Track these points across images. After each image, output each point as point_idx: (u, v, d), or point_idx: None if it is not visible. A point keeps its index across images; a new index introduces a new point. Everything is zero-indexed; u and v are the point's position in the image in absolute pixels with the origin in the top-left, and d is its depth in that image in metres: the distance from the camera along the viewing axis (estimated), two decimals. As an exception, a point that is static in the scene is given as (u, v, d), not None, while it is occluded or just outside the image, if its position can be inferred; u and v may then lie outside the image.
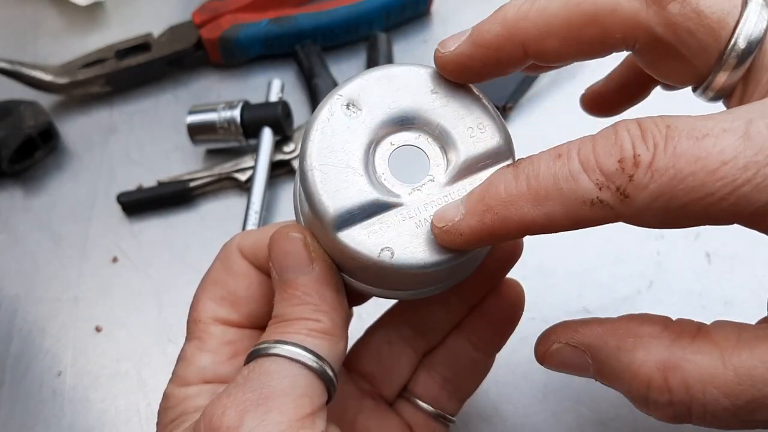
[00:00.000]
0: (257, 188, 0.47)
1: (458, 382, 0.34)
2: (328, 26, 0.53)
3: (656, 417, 0.25)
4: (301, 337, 0.25)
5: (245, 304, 0.30)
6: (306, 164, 0.26)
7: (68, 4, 0.59)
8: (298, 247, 0.27)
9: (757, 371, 0.22)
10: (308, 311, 0.26)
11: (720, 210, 0.21)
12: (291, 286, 0.26)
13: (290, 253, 0.27)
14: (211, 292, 0.30)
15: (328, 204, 0.25)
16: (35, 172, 0.52)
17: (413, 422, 0.33)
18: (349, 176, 0.26)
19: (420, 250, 0.26)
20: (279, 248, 0.27)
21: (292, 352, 0.25)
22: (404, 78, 0.27)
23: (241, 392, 0.24)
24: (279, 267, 0.27)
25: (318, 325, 0.26)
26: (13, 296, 0.46)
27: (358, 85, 0.27)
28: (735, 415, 0.22)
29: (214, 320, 0.29)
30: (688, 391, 0.23)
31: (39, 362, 0.44)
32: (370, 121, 0.26)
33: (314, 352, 0.25)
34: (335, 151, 0.26)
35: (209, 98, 0.54)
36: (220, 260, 0.31)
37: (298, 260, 0.26)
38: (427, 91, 0.27)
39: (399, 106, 0.27)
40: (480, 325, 0.33)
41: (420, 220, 0.26)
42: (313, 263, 0.26)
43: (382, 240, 0.25)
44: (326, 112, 0.26)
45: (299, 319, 0.26)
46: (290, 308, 0.26)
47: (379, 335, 0.34)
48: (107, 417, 0.41)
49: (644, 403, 0.24)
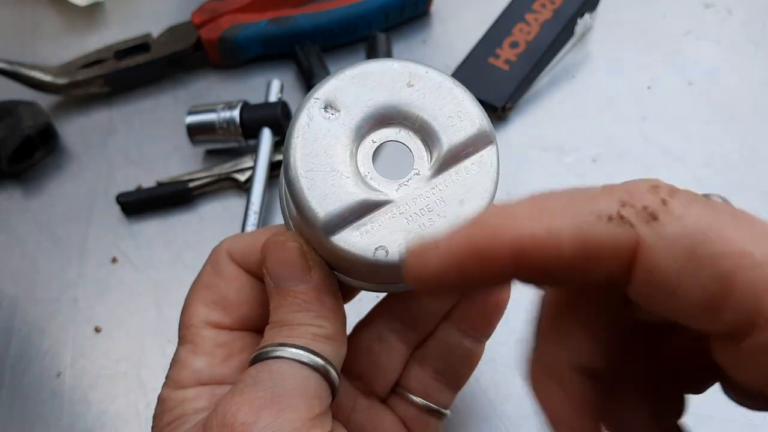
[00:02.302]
0: (257, 188, 0.47)
1: (450, 373, 0.34)
2: (327, 26, 0.53)
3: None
4: (307, 341, 0.26)
5: (236, 308, 0.30)
6: (291, 173, 0.26)
7: (67, 4, 0.59)
8: (294, 256, 0.27)
9: None
10: (310, 318, 0.26)
11: (748, 280, 0.17)
12: (290, 294, 0.27)
13: (287, 263, 0.27)
14: (202, 296, 0.30)
15: (318, 210, 0.25)
16: (34, 172, 0.52)
17: (407, 417, 0.34)
18: (336, 180, 0.26)
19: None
20: (275, 258, 0.27)
21: (301, 355, 0.25)
22: (379, 74, 0.27)
23: (253, 391, 0.24)
24: (276, 276, 0.27)
25: (321, 330, 0.26)
26: (12, 297, 0.46)
27: (334, 86, 0.27)
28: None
29: (206, 324, 0.29)
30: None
31: (38, 363, 0.44)
32: (349, 121, 0.26)
33: (321, 355, 0.26)
34: (318, 155, 0.26)
35: (208, 98, 0.54)
36: (210, 264, 0.31)
37: (296, 269, 0.27)
38: (403, 84, 0.27)
39: (376, 103, 0.27)
40: (468, 313, 0.34)
41: (410, 215, 0.26)
42: (311, 271, 0.27)
43: (375, 239, 0.26)
44: (305, 117, 0.26)
45: (302, 324, 0.26)
46: (291, 315, 0.27)
47: (369, 332, 0.34)
48: (106, 417, 0.41)
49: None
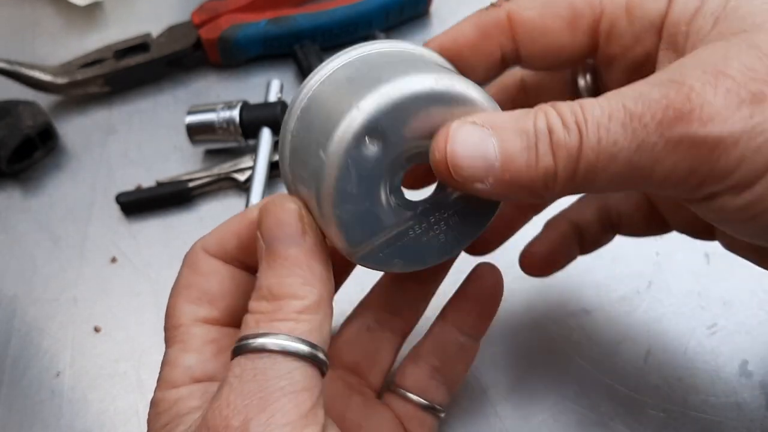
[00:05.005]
0: (256, 188, 0.47)
1: (446, 370, 0.34)
2: (327, 26, 0.53)
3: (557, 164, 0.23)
4: (291, 324, 0.25)
5: (221, 299, 0.29)
6: (327, 200, 0.25)
7: (67, 4, 0.59)
8: (292, 218, 0.26)
9: (628, 91, 0.22)
10: (297, 284, 0.25)
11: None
12: (280, 256, 0.26)
13: (284, 223, 0.26)
14: (185, 296, 0.29)
15: (347, 239, 0.26)
16: (34, 172, 0.52)
17: (403, 415, 0.34)
18: (369, 207, 0.26)
19: (429, 253, 0.27)
20: (272, 217, 0.26)
21: (284, 346, 0.24)
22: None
23: (239, 399, 0.23)
24: (269, 236, 0.26)
25: (305, 303, 0.25)
26: (11, 296, 0.46)
27: (380, 109, 0.24)
28: (611, 119, 0.22)
29: (195, 321, 0.29)
30: (573, 111, 0.23)
31: (37, 362, 0.44)
32: (387, 150, 0.25)
33: (306, 340, 0.25)
34: (355, 183, 0.25)
35: (208, 98, 0.54)
36: (186, 266, 0.30)
37: (291, 231, 0.26)
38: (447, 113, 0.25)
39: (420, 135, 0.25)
40: (463, 310, 0.34)
41: (428, 225, 0.27)
42: (305, 235, 0.26)
43: (395, 253, 0.27)
44: (352, 143, 0.24)
45: (286, 297, 0.25)
46: (277, 279, 0.26)
47: (357, 323, 0.34)
48: (106, 417, 0.41)
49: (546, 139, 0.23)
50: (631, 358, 0.39)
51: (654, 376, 0.39)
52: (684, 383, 0.38)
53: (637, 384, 0.38)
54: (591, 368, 0.39)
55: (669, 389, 0.38)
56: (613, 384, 0.38)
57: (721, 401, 0.37)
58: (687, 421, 0.37)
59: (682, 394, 0.38)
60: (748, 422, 0.37)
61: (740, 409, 0.37)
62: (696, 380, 0.38)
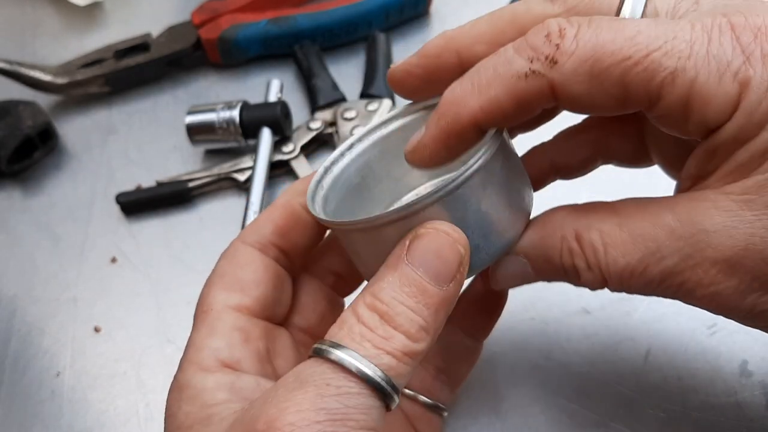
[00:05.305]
0: (256, 188, 0.47)
1: (451, 370, 0.35)
2: (327, 26, 0.53)
3: (589, 287, 0.28)
4: (393, 362, 0.24)
5: (254, 287, 0.29)
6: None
7: (67, 4, 0.59)
8: (455, 262, 0.25)
9: (647, 231, 0.25)
10: (417, 324, 0.24)
11: (635, 76, 0.24)
12: (417, 285, 0.25)
13: (445, 261, 0.25)
14: (219, 283, 0.30)
15: None
16: (34, 172, 0.52)
17: (411, 415, 0.34)
18: None
19: None
20: (436, 244, 0.25)
21: (379, 382, 0.23)
22: None
23: (313, 413, 0.22)
24: (420, 260, 0.25)
25: (413, 348, 0.24)
26: (11, 296, 0.46)
27: None
28: (633, 275, 0.26)
29: (225, 306, 0.29)
30: (596, 254, 0.26)
31: (37, 362, 0.44)
32: None
33: (395, 385, 0.24)
34: None
35: (208, 98, 0.54)
36: (222, 258, 0.31)
37: (446, 272, 0.25)
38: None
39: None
40: (469, 312, 0.34)
41: None
42: (451, 282, 0.25)
43: None
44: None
45: (401, 330, 0.24)
46: (402, 306, 0.24)
47: None
48: (106, 417, 0.41)
49: (575, 274, 0.27)
50: (631, 358, 0.39)
51: (654, 376, 0.38)
52: (684, 383, 0.38)
53: (637, 384, 0.38)
54: (591, 368, 0.39)
55: (669, 389, 0.38)
56: (613, 384, 0.38)
57: (721, 401, 0.37)
58: (687, 421, 0.37)
59: (682, 394, 0.38)
60: (748, 422, 0.37)
61: (740, 409, 0.37)
62: (696, 380, 0.38)
